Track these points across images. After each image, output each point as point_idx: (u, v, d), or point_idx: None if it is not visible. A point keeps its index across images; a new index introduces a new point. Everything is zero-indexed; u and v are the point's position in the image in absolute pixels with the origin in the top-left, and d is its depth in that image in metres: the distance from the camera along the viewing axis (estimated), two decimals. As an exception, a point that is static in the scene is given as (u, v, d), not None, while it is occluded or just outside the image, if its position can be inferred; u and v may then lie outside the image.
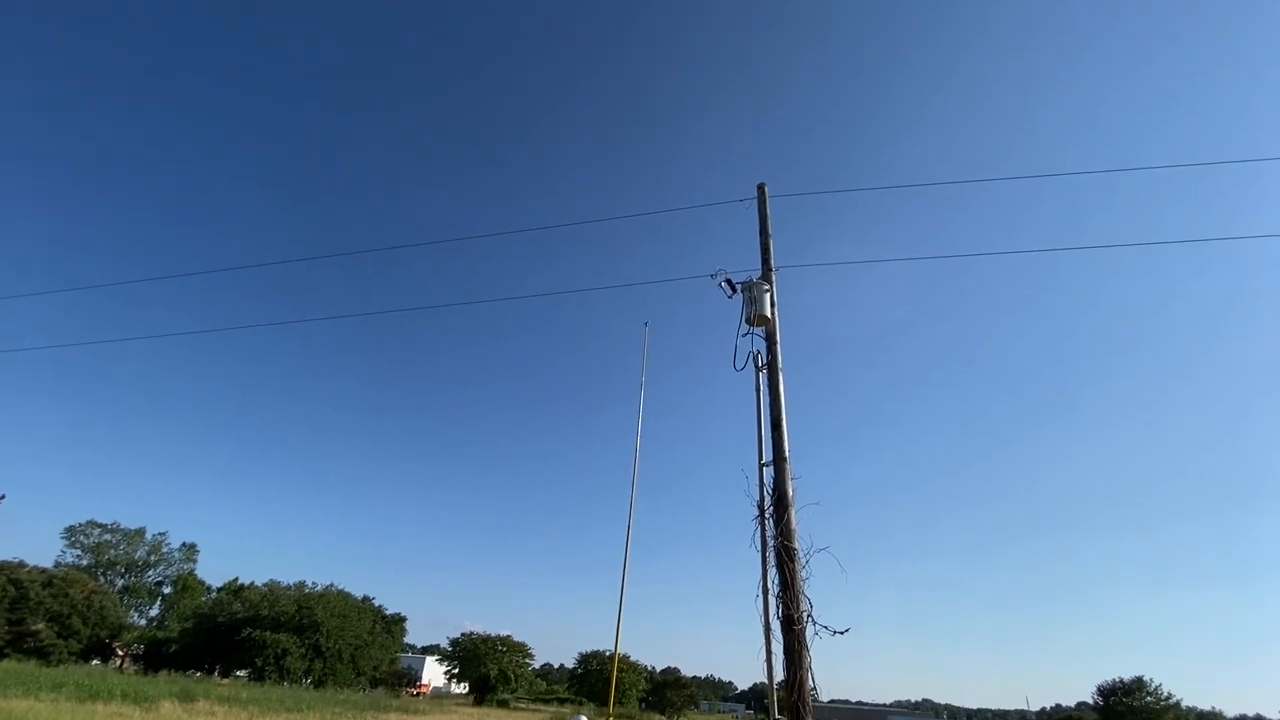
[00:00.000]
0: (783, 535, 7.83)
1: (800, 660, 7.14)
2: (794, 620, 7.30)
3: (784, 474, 8.34)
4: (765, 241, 10.52)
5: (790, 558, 7.66)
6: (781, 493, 8.19)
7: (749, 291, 9.74)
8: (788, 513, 8.01)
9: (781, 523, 7.94)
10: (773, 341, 9.55)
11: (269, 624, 58.57)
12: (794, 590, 7.47)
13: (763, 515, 8.23)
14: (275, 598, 65.68)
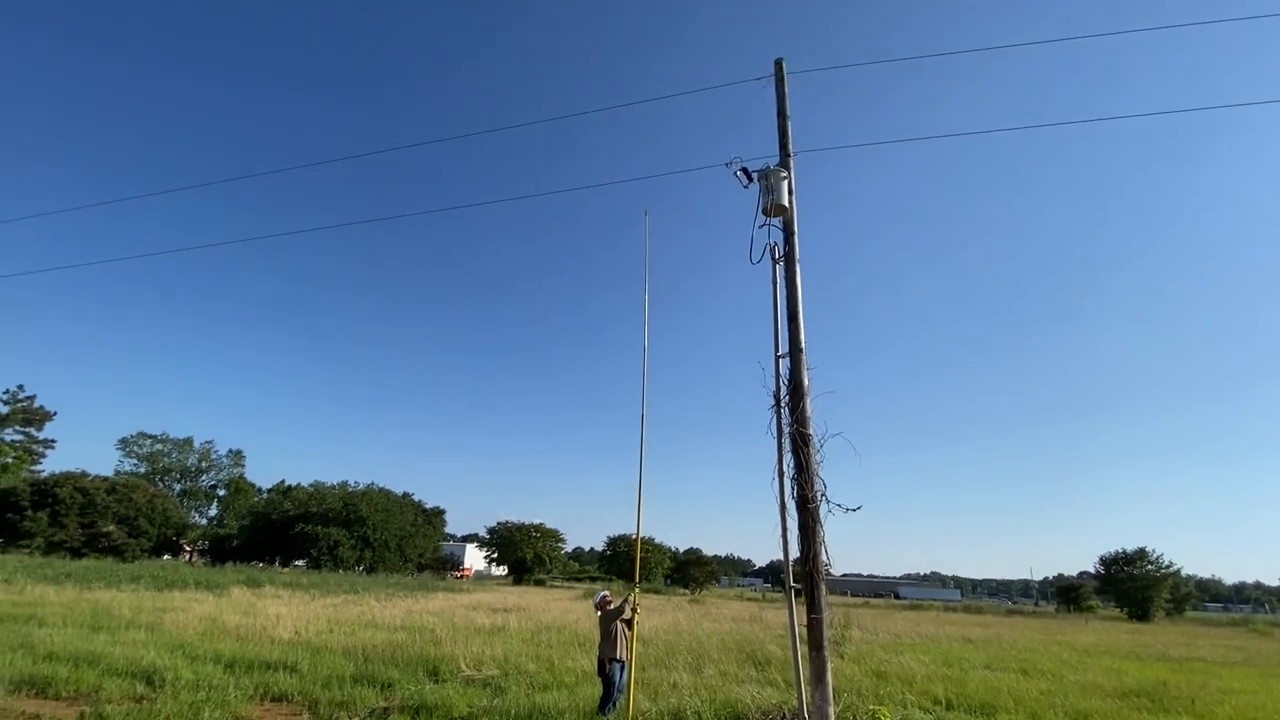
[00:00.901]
0: (798, 423, 7.98)
1: (814, 536, 7.50)
2: (808, 500, 7.60)
3: (800, 365, 8.36)
4: (783, 124, 9.89)
5: (805, 443, 7.84)
6: (797, 382, 8.25)
7: (765, 180, 9.28)
8: (803, 401, 8.10)
9: (797, 411, 8.06)
10: (790, 232, 9.23)
11: (319, 520, 63.22)
12: (809, 473, 7.72)
13: (779, 405, 8.35)
14: (322, 496, 70.52)
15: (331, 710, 8.03)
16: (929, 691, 10.38)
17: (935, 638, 21.51)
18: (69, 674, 8.78)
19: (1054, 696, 10.58)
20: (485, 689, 9.59)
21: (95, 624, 13.74)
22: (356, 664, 10.88)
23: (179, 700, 7.88)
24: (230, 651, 11.30)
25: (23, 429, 73.95)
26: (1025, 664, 15.01)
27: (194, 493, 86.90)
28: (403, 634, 14.69)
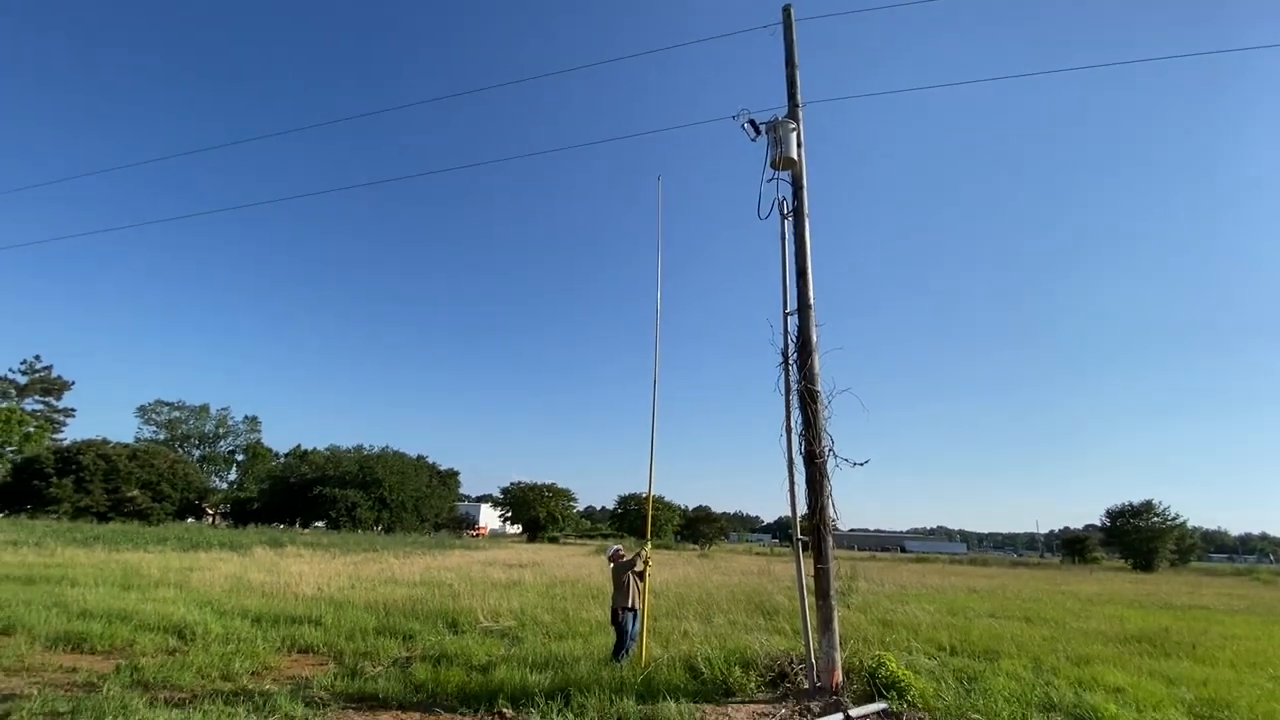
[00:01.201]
0: (806, 379, 7.98)
1: (821, 489, 7.60)
2: (816, 455, 7.66)
3: (808, 321, 8.31)
4: (791, 73, 9.58)
5: (813, 399, 7.86)
6: (806, 339, 8.21)
7: (774, 132, 9.04)
8: (811, 358, 8.09)
9: (805, 368, 8.06)
10: (799, 186, 9.05)
11: (336, 482, 64.67)
12: (816, 429, 7.76)
13: (787, 362, 8.33)
14: (338, 460, 72.02)
15: (356, 660, 8.35)
16: (934, 639, 10.64)
17: (940, 588, 21.95)
18: (103, 630, 9.15)
19: (1056, 642, 10.83)
20: (503, 639, 9.93)
21: (125, 583, 14.25)
22: (378, 617, 11.26)
23: (210, 652, 8.23)
24: (256, 607, 11.72)
25: (42, 398, 75.37)
26: (1029, 612, 15.32)
27: (213, 458, 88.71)
28: (422, 589, 15.15)
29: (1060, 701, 7.01)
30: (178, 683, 6.92)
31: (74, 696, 6.04)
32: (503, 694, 6.70)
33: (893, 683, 6.99)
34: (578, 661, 8.04)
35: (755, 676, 7.61)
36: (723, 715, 6.49)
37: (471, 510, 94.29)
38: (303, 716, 5.99)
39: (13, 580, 13.97)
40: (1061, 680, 8.02)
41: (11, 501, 54.53)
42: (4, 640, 8.68)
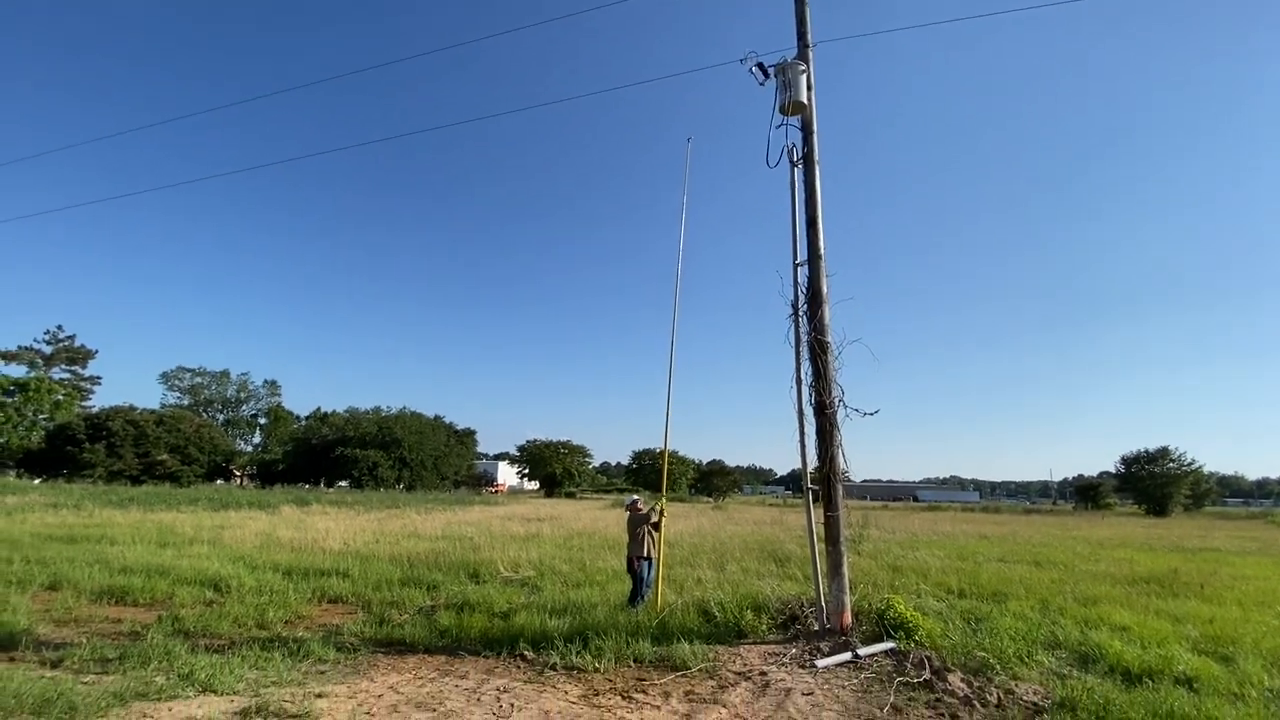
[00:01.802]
0: (816, 331, 7.94)
1: (831, 440, 7.66)
2: (826, 405, 7.70)
3: (818, 272, 8.21)
4: (801, 10, 9.18)
5: (823, 350, 7.84)
6: (816, 290, 8.14)
7: (783, 75, 8.73)
8: (821, 309, 8.03)
9: (815, 319, 8.01)
10: (809, 131, 8.80)
11: (357, 443, 66.20)
12: (826, 379, 7.77)
13: (796, 313, 8.28)
14: (357, 421, 73.52)
15: (383, 609, 8.72)
16: (943, 583, 10.88)
17: (951, 535, 22.29)
18: (143, 584, 9.62)
19: (1064, 585, 11.03)
20: (523, 588, 10.29)
21: (161, 541, 14.87)
22: (403, 569, 11.70)
23: (245, 603, 8.64)
24: (286, 561, 12.21)
25: (68, 367, 77.15)
26: (1038, 556, 15.55)
27: (237, 422, 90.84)
28: (444, 542, 15.67)
29: (1066, 640, 7.19)
30: (216, 631, 7.30)
31: (120, 644, 6.41)
32: (523, 638, 6.99)
33: (901, 623, 7.18)
34: (595, 608, 8.34)
35: (767, 620, 7.87)
36: (735, 655, 6.75)
37: (490, 468, 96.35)
38: (335, 659, 6.32)
39: (56, 540, 14.62)
40: (1068, 620, 8.20)
41: (48, 467, 56.52)
42: (52, 595, 9.17)
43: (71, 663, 5.85)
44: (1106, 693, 5.36)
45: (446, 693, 5.46)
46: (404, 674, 6.03)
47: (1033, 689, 5.66)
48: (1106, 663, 6.33)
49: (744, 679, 6.01)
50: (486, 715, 4.91)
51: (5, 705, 4.53)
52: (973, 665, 6.28)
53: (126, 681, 5.26)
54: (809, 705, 5.30)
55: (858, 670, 6.29)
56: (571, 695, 5.49)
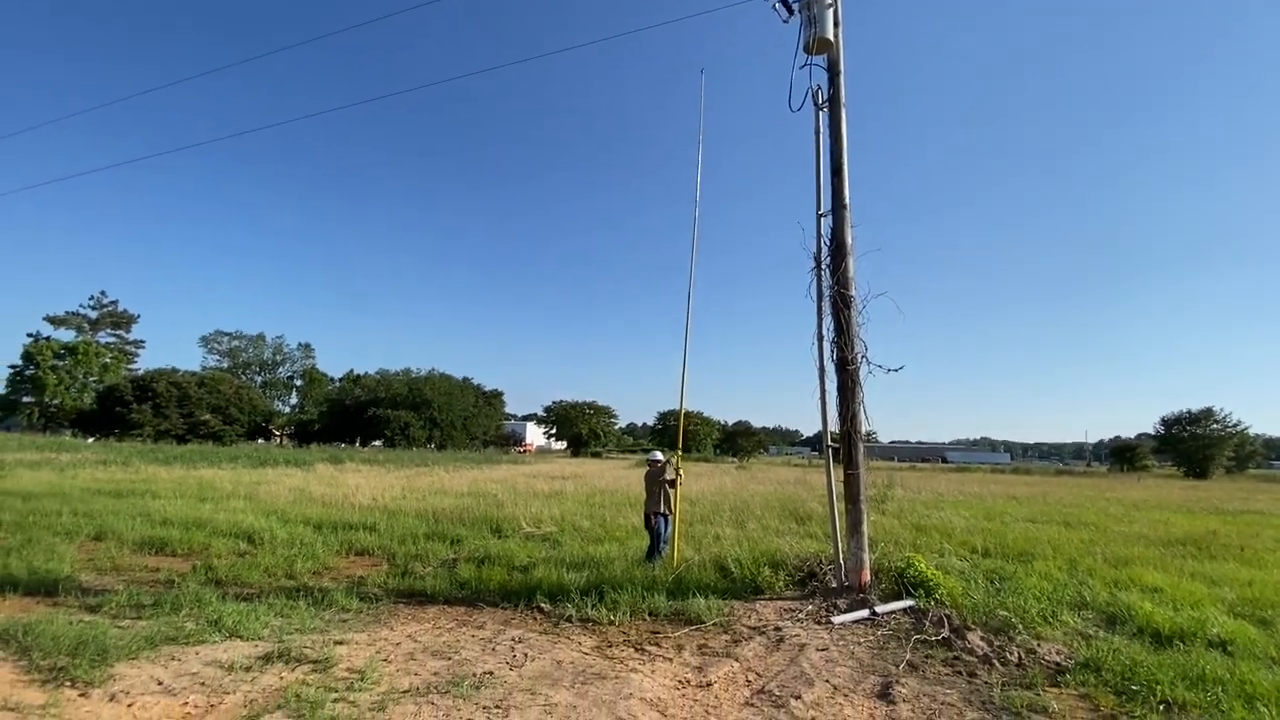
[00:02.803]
0: (839, 284, 7.64)
1: (853, 397, 7.45)
2: (848, 362, 7.46)
3: (843, 222, 7.85)
4: (827, -62, 8.54)
5: (846, 305, 7.55)
6: (840, 242, 7.80)
7: (808, 10, 8.19)
8: (845, 261, 7.70)
9: (839, 272, 7.70)
10: (835, 72, 8.30)
11: (388, 404, 67.86)
12: (849, 335, 7.51)
13: (819, 266, 7.97)
14: (388, 383, 75.25)
15: (407, 561, 8.94)
16: (968, 542, 10.70)
17: (979, 496, 21.97)
18: (181, 535, 10.01)
19: (1095, 545, 10.76)
20: (544, 543, 10.45)
21: (201, 496, 15.47)
22: (428, 524, 11.97)
23: (276, 554, 8.93)
24: (317, 515, 12.60)
25: (113, 331, 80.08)
26: (1068, 517, 15.22)
27: (274, 384, 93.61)
28: (469, 499, 15.99)
29: (1093, 600, 7.01)
30: (247, 580, 7.56)
31: (156, 592, 6.67)
32: (540, 590, 7.09)
33: (921, 582, 7.08)
34: (612, 562, 8.41)
35: (784, 576, 7.83)
36: (750, 611, 6.74)
37: (518, 428, 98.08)
38: (357, 608, 6.49)
39: (103, 494, 15.32)
40: (1097, 581, 7.99)
41: (99, 427, 59.25)
42: (97, 545, 9.60)
43: (109, 608, 6.11)
44: (1134, 654, 5.20)
45: (463, 642, 5.56)
46: (423, 624, 6.16)
47: (1056, 649, 5.53)
48: (1135, 624, 6.14)
49: (758, 634, 6.00)
50: (500, 664, 4.98)
51: (44, 646, 4.74)
52: (994, 624, 6.16)
53: (158, 626, 5.47)
54: (823, 660, 5.26)
55: (875, 627, 6.23)
56: (585, 646, 5.55)
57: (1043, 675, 4.93)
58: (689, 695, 4.51)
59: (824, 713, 4.22)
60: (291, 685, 4.34)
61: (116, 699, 4.06)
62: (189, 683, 4.36)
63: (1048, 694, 4.58)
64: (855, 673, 5.01)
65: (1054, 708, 4.31)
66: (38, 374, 66.19)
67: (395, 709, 4.04)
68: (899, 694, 4.54)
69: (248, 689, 4.30)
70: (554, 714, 4.05)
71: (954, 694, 4.60)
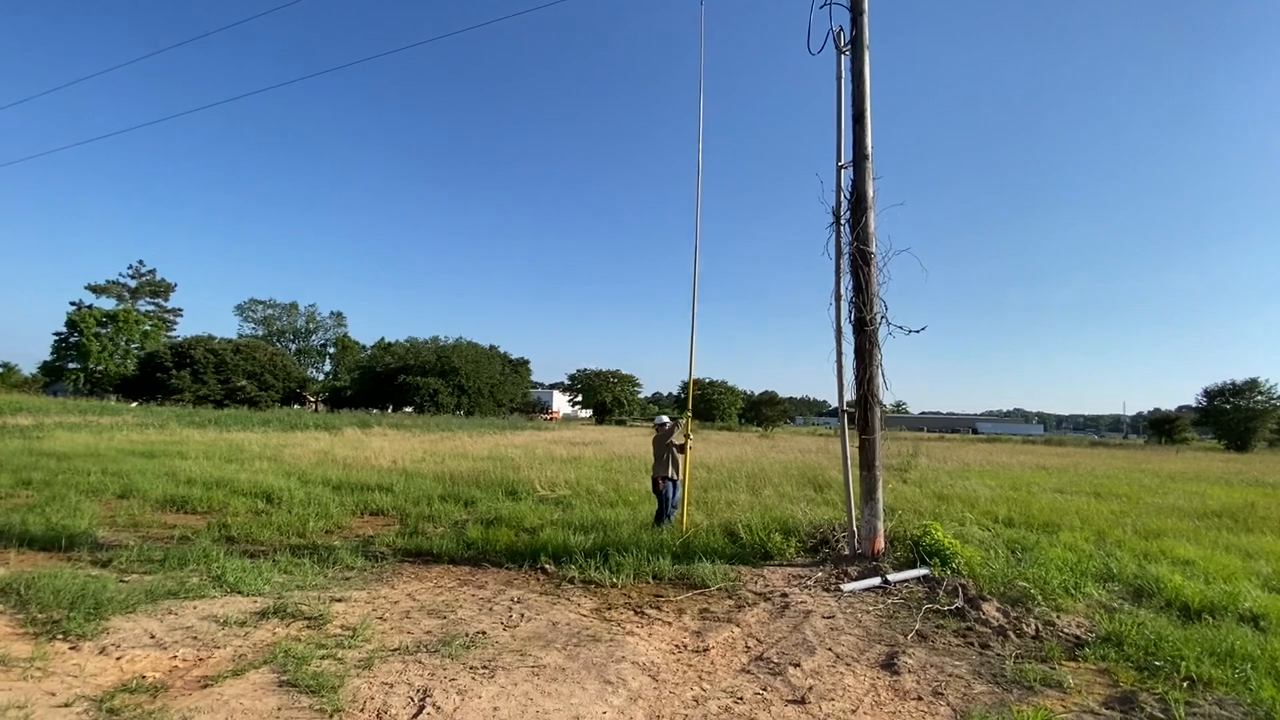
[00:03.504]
0: (859, 240, 7.23)
1: (871, 359, 7.11)
2: (866, 322, 7.10)
3: (864, 173, 7.39)
4: None
5: (866, 262, 7.15)
6: (860, 194, 7.36)
7: (829, -56, 7.61)
8: (866, 216, 7.27)
9: (859, 226, 7.28)
10: (858, 11, 7.73)
11: (417, 371, 68.94)
12: (868, 294, 7.13)
13: (838, 221, 7.56)
14: (417, 350, 76.32)
15: (418, 522, 8.99)
16: (991, 512, 10.36)
17: (1007, 465, 21.42)
18: (203, 494, 10.23)
19: (1125, 517, 10.32)
20: (556, 506, 10.42)
21: (228, 457, 15.87)
22: (444, 486, 12.07)
23: (291, 513, 9.06)
24: (337, 477, 12.79)
25: (152, 300, 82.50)
26: (1099, 488, 14.70)
27: (307, 351, 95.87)
28: (487, 463, 16.11)
29: (1120, 572, 6.67)
30: (258, 538, 7.67)
31: (167, 548, 6.78)
32: (546, 552, 7.03)
33: (937, 550, 6.81)
34: (621, 525, 8.33)
35: (795, 543, 7.65)
36: (757, 576, 6.58)
37: (545, 396, 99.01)
38: (361, 567, 6.51)
39: (136, 455, 15.81)
40: (1125, 553, 7.63)
41: (141, 392, 61.50)
42: (122, 502, 9.87)
43: (119, 563, 6.22)
44: (1159, 628, 4.90)
45: (461, 601, 5.52)
46: (425, 582, 6.15)
47: (1076, 621, 5.26)
48: (1163, 597, 5.82)
49: (763, 599, 5.84)
50: (495, 624, 4.92)
51: (43, 600, 4.81)
52: (1012, 595, 5.90)
53: (162, 581, 5.54)
54: (827, 628, 5.08)
55: (886, 596, 6.02)
56: (584, 608, 5.46)
57: (1060, 648, 4.67)
58: (683, 660, 4.38)
59: (823, 681, 4.05)
60: (282, 641, 4.32)
61: (106, 652, 4.08)
62: (181, 636, 4.38)
63: (1064, 668, 4.34)
64: (860, 641, 4.82)
65: (1069, 682, 4.06)
66: (82, 341, 68.79)
67: (382, 667, 3.99)
68: (904, 664, 4.34)
69: (239, 644, 4.30)
70: (541, 675, 3.95)
71: (963, 665, 4.39)
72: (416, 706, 3.46)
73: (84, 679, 3.71)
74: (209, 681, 3.71)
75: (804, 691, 3.87)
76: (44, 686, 3.58)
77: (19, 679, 3.66)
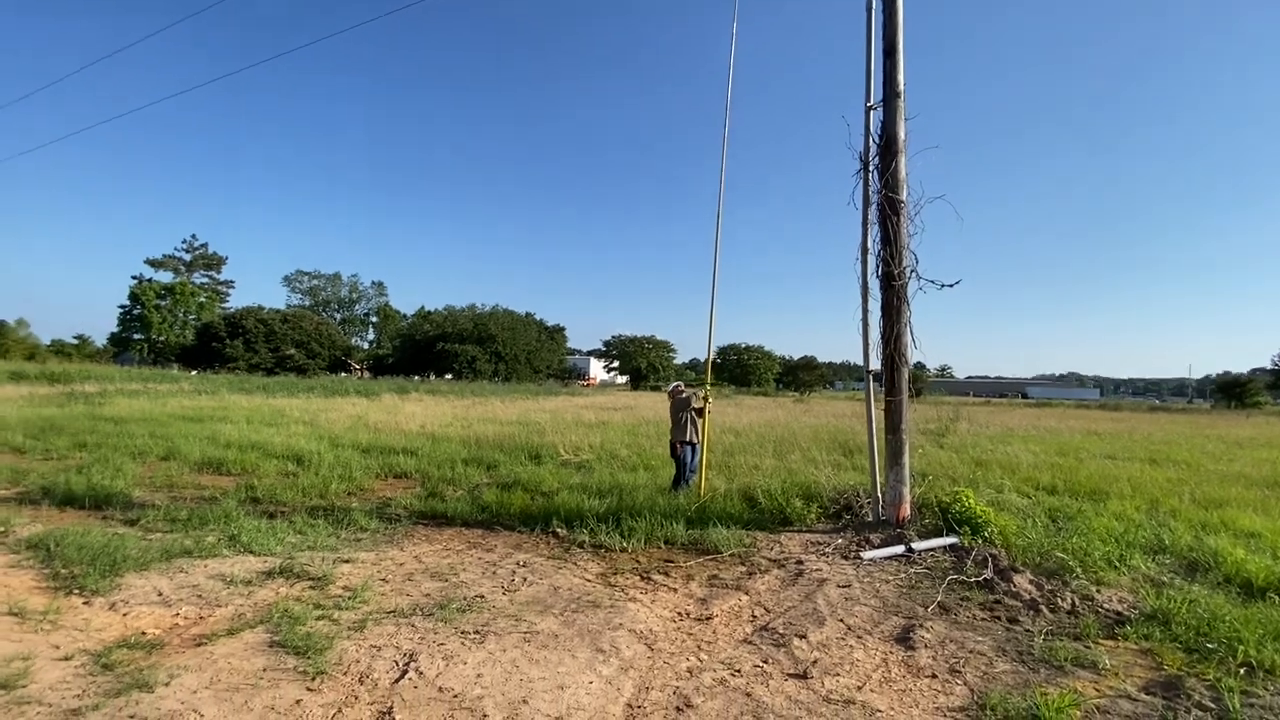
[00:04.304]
0: (887, 187, 6.69)
1: (899, 316, 6.64)
2: (894, 277, 6.61)
3: (895, 113, 6.80)
4: None
5: (894, 210, 6.63)
6: (891, 136, 6.78)
7: None
8: (896, 160, 6.71)
9: (888, 172, 6.73)
10: (892, -68, 6.99)
11: (455, 339, 70.18)
12: (897, 246, 6.62)
13: (866, 167, 7.01)
14: (455, 318, 77.60)
15: (438, 485, 9.04)
16: (1033, 478, 9.81)
17: (1055, 431, 20.42)
18: (237, 457, 10.53)
19: (1184, 485, 9.61)
20: (578, 470, 10.35)
21: (269, 422, 16.39)
22: (469, 450, 12.15)
23: (318, 475, 9.22)
24: (367, 440, 13.04)
25: (206, 272, 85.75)
26: (1156, 454, 13.82)
27: (351, 320, 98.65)
28: (515, 427, 16.20)
29: (1173, 544, 6.15)
30: (281, 499, 7.80)
31: (193, 507, 6.95)
32: (558, 515, 6.94)
33: (967, 518, 6.42)
34: (639, 489, 8.16)
35: (817, 509, 7.35)
36: (774, 542, 6.34)
37: (582, 363, 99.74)
38: (374, 529, 6.54)
39: (185, 419, 16.48)
40: (1180, 523, 7.06)
41: (198, 361, 64.47)
42: (164, 464, 10.25)
43: (145, 522, 6.40)
44: (1215, 605, 4.46)
45: (466, 564, 5.46)
46: (435, 545, 6.13)
47: (1118, 596, 4.85)
48: (1221, 572, 5.32)
49: (777, 566, 5.61)
50: (495, 588, 4.83)
51: (67, 556, 4.94)
52: (1048, 567, 5.50)
53: (179, 540, 5.65)
54: (841, 598, 4.82)
55: (908, 565, 5.70)
56: (589, 573, 5.33)
57: (1098, 625, 4.30)
58: (684, 628, 4.20)
59: (829, 655, 3.81)
60: (282, 601, 4.32)
61: (115, 608, 4.15)
62: (187, 595, 4.42)
63: (1100, 647, 3.98)
64: (875, 613, 4.55)
65: (1105, 663, 3.71)
66: (144, 313, 72.30)
67: (374, 629, 3.94)
68: (920, 638, 4.05)
69: (240, 603, 4.32)
70: (532, 642, 3.83)
71: (987, 641, 4.08)
72: (399, 671, 3.38)
73: (89, 633, 3.77)
74: (204, 640, 3.71)
75: (807, 665, 3.64)
76: (51, 639, 3.64)
77: (30, 631, 3.75)
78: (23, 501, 7.23)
